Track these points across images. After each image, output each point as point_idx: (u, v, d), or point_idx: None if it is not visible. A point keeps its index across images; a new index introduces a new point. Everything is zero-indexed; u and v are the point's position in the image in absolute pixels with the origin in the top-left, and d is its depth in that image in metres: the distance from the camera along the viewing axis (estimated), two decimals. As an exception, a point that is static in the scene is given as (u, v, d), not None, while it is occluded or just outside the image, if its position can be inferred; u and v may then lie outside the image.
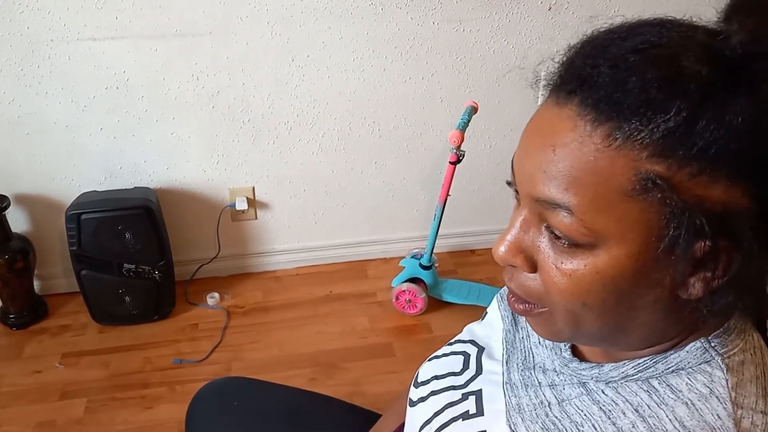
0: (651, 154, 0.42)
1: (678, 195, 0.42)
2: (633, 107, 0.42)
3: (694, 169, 0.42)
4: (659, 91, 0.41)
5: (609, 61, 0.43)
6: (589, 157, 0.43)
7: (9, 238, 1.84)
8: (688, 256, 0.44)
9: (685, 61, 0.42)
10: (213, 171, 2.00)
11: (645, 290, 0.47)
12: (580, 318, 0.50)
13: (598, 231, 0.44)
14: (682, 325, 0.51)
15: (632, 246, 0.44)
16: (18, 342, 1.88)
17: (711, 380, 0.49)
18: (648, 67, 0.42)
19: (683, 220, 0.43)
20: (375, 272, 2.19)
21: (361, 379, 1.75)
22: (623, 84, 0.42)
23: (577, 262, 0.47)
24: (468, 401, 0.66)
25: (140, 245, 1.83)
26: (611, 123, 0.42)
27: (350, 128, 2.00)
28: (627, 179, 0.42)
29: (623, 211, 0.43)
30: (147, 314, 1.93)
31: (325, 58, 1.87)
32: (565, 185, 0.44)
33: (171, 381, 1.74)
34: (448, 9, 1.86)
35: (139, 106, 1.84)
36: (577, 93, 0.44)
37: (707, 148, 0.41)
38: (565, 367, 0.59)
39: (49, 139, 1.84)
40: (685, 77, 0.41)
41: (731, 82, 0.41)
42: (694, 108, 0.41)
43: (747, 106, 0.41)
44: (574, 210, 0.45)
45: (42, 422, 1.62)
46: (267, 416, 0.96)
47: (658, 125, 0.41)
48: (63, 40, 1.71)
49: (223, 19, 1.77)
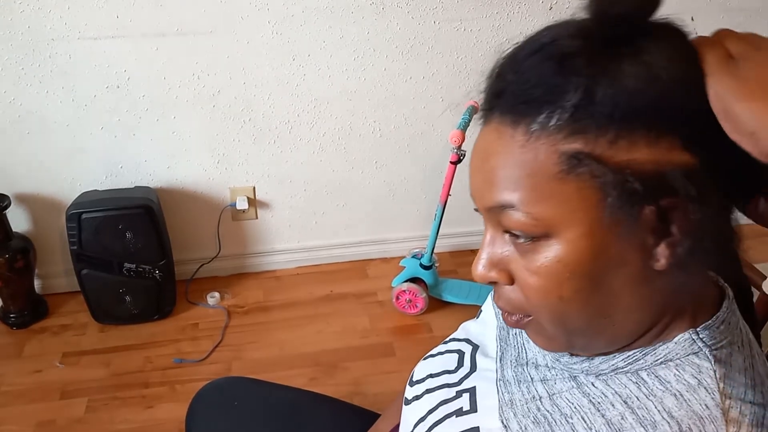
0: (567, 135, 0.45)
1: (603, 164, 0.44)
2: (539, 99, 0.45)
3: (609, 136, 0.44)
4: (555, 77, 0.45)
5: (512, 70, 0.48)
6: (517, 155, 0.47)
7: (9, 237, 1.84)
8: (639, 223, 0.46)
9: (566, 43, 0.46)
10: (214, 170, 2.00)
11: (614, 269, 0.48)
12: (564, 315, 0.51)
13: (547, 219, 0.47)
14: (666, 304, 0.51)
15: (582, 225, 0.46)
16: (18, 341, 1.88)
17: (699, 371, 0.49)
18: (542, 61, 0.46)
19: (617, 188, 0.44)
20: (375, 272, 2.19)
21: (361, 378, 1.75)
22: (526, 83, 0.46)
23: (540, 257, 0.48)
24: (462, 398, 0.66)
25: (141, 244, 1.83)
26: (527, 119, 0.46)
27: (351, 128, 2.00)
28: (553, 163, 0.45)
29: (561, 194, 0.46)
30: (147, 314, 1.93)
31: (326, 58, 1.87)
32: (505, 187, 0.48)
33: (171, 380, 1.74)
34: (449, 9, 1.86)
35: (139, 105, 1.84)
36: (495, 107, 0.49)
37: (613, 113, 0.43)
38: (556, 362, 0.60)
39: (50, 139, 1.84)
40: (570, 57, 0.45)
41: (611, 48, 0.44)
42: (588, 81, 0.44)
43: (634, 64, 0.44)
44: (519, 205, 0.47)
45: (42, 421, 1.62)
46: (267, 416, 0.96)
47: (563, 106, 0.44)
48: (64, 39, 1.71)
49: (224, 19, 1.77)
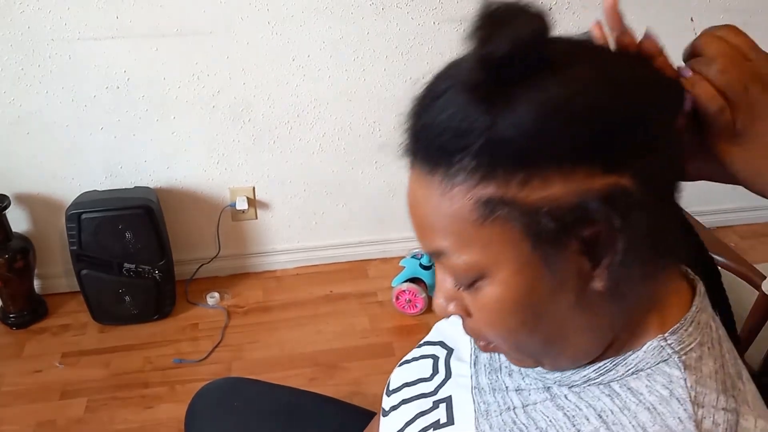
0: (479, 180, 0.44)
1: (517, 207, 0.44)
2: (448, 147, 0.44)
3: (519, 177, 0.43)
4: (458, 122, 0.44)
5: (422, 115, 0.46)
6: (438, 204, 0.46)
7: (9, 237, 1.84)
8: (567, 254, 0.45)
9: (462, 87, 0.44)
10: (213, 170, 2.00)
11: (554, 298, 0.48)
12: (518, 343, 0.52)
13: (476, 264, 0.47)
14: (622, 316, 0.51)
15: (511, 265, 0.46)
16: (18, 341, 1.88)
17: (670, 381, 0.49)
18: (446, 107, 0.45)
19: (534, 228, 0.44)
20: (375, 272, 2.19)
21: (361, 378, 1.75)
22: (434, 130, 0.45)
23: (481, 297, 0.49)
24: (439, 409, 0.66)
25: (140, 245, 1.83)
26: (441, 168, 0.45)
27: (351, 128, 2.00)
28: (471, 210, 0.45)
29: (484, 238, 0.46)
30: (147, 314, 1.93)
31: (326, 58, 1.87)
32: (434, 235, 0.48)
33: (171, 381, 1.74)
34: (449, 9, 1.86)
35: (139, 105, 1.84)
36: (412, 159, 0.48)
37: (517, 155, 0.43)
38: (530, 371, 0.60)
39: (50, 139, 1.84)
40: (468, 100, 0.44)
41: (504, 88, 0.43)
42: (488, 123, 0.43)
43: (528, 102, 0.42)
44: (449, 253, 0.48)
45: (42, 422, 1.62)
46: (267, 416, 0.96)
47: (470, 152, 0.44)
48: (63, 40, 1.71)
49: (223, 19, 1.77)
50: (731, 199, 2.36)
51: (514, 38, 0.41)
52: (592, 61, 0.45)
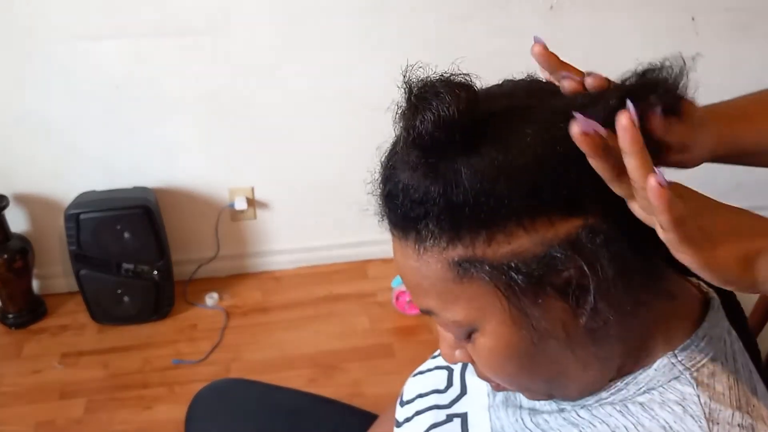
0: (447, 243, 0.45)
1: (486, 264, 0.45)
2: (410, 216, 0.46)
3: (483, 236, 0.44)
4: (416, 191, 0.45)
5: (384, 188, 0.49)
6: (416, 267, 0.48)
7: (8, 237, 1.84)
8: (547, 301, 0.46)
9: (411, 158, 0.46)
10: (212, 171, 1.99)
11: (545, 342, 0.48)
12: (521, 385, 0.54)
13: (464, 320, 0.48)
14: (621, 344, 0.50)
15: (495, 316, 0.47)
16: (17, 342, 1.88)
17: (683, 398, 0.48)
18: (399, 179, 0.47)
19: (507, 281, 0.45)
20: (375, 272, 2.18)
21: (361, 379, 1.74)
22: (395, 201, 0.47)
23: (477, 348, 0.50)
24: (453, 423, 0.66)
25: (139, 245, 1.82)
26: (411, 234, 0.47)
27: (351, 128, 2.00)
28: (447, 271, 0.46)
29: (466, 294, 0.47)
30: (146, 314, 1.93)
31: (326, 58, 1.87)
32: (420, 295, 0.50)
33: (170, 381, 1.74)
34: (449, 9, 1.85)
35: (138, 105, 1.84)
36: (387, 223, 0.50)
37: (476, 216, 0.44)
38: None
39: (49, 139, 1.84)
40: (420, 170, 0.45)
41: (447, 156, 0.44)
42: (442, 189, 0.44)
43: (469, 170, 0.44)
44: (436, 312, 0.49)
45: (41, 422, 1.62)
46: (266, 418, 0.96)
47: (432, 219, 0.45)
48: (63, 40, 1.71)
49: (223, 19, 1.76)
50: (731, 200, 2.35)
51: (435, 120, 0.43)
52: (526, 117, 0.46)
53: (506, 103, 0.47)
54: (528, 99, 0.47)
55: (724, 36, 2.02)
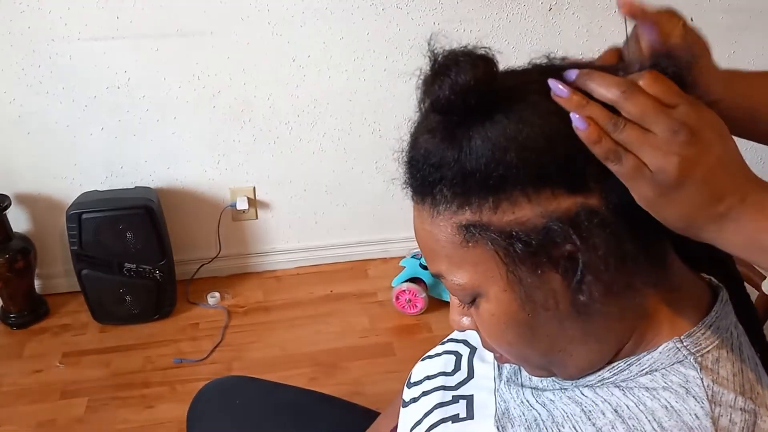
0: (457, 207, 0.49)
1: (491, 230, 0.47)
2: (427, 181, 0.49)
3: (490, 202, 0.47)
4: (432, 157, 0.48)
5: (407, 155, 0.52)
6: (430, 231, 0.51)
7: (10, 237, 1.84)
8: (547, 272, 0.48)
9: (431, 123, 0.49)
10: (214, 171, 2.00)
11: (544, 313, 0.50)
12: (520, 355, 0.55)
13: (469, 283, 0.51)
14: (623, 323, 0.52)
15: (499, 282, 0.49)
16: (19, 341, 1.88)
17: (686, 380, 0.50)
18: (421, 145, 0.50)
19: (509, 248, 0.47)
20: (375, 272, 2.19)
21: (361, 378, 1.75)
22: (415, 167, 0.50)
23: (480, 313, 0.52)
24: (459, 404, 0.66)
25: (141, 245, 1.83)
26: (428, 198, 0.50)
27: (351, 128, 2.00)
28: (455, 234, 0.49)
29: (470, 259, 0.49)
30: (148, 314, 1.93)
31: (326, 59, 1.88)
32: (433, 259, 0.53)
33: (172, 380, 1.74)
34: (449, 9, 1.86)
35: (140, 105, 1.84)
36: (409, 190, 0.53)
37: (484, 182, 0.47)
38: None
39: (50, 139, 1.84)
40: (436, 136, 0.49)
41: (463, 123, 0.47)
42: (455, 155, 0.47)
43: (483, 138, 0.46)
44: (445, 275, 0.52)
45: (43, 421, 1.62)
46: (268, 415, 0.96)
47: (445, 184, 0.48)
48: (64, 40, 1.71)
49: (224, 19, 1.77)
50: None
51: (452, 85, 0.46)
52: (539, 92, 0.47)
53: (526, 78, 0.50)
54: (550, 77, 0.48)
55: (722, 37, 2.02)
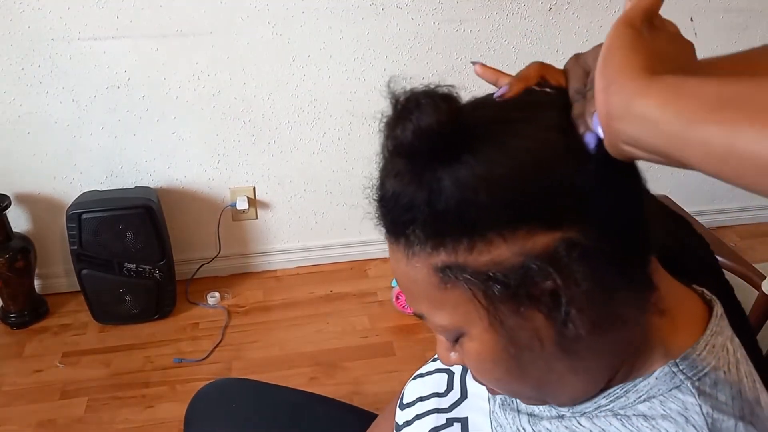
0: (432, 249, 0.46)
1: (468, 271, 0.46)
2: (398, 222, 0.47)
3: (465, 243, 0.45)
4: (401, 198, 0.46)
5: (377, 193, 0.50)
6: (407, 272, 0.49)
7: (10, 237, 1.84)
8: (530, 310, 0.46)
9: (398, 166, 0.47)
10: (214, 170, 2.00)
11: (530, 349, 0.48)
12: (511, 390, 0.54)
13: (449, 324, 0.49)
14: (613, 351, 0.50)
15: (481, 322, 0.48)
16: (18, 341, 1.88)
17: (685, 408, 0.48)
18: (390, 186, 0.48)
19: (488, 289, 0.46)
20: (375, 272, 2.19)
21: (361, 378, 1.75)
22: (386, 206, 0.48)
23: (466, 352, 0.51)
24: (453, 427, 0.66)
25: (141, 245, 1.83)
26: (401, 238, 0.48)
27: (351, 128, 2.00)
28: (432, 276, 0.47)
29: (451, 300, 0.48)
30: (147, 313, 1.93)
31: (326, 58, 1.88)
32: (412, 299, 0.51)
33: (171, 380, 1.74)
34: (449, 9, 1.86)
35: (140, 105, 1.84)
36: (382, 228, 0.51)
37: (457, 223, 0.45)
38: None
39: (50, 139, 1.84)
40: (405, 178, 0.46)
41: (431, 164, 0.45)
42: (426, 196, 0.45)
43: (451, 180, 0.44)
44: (426, 316, 0.50)
45: (43, 421, 1.62)
46: (266, 417, 0.96)
47: (418, 226, 0.46)
48: (64, 40, 1.71)
49: (224, 19, 1.77)
50: (731, 199, 2.36)
51: (414, 130, 0.43)
52: (511, 130, 0.46)
53: (493, 114, 0.48)
54: (517, 111, 0.47)
55: (722, 36, 2.02)
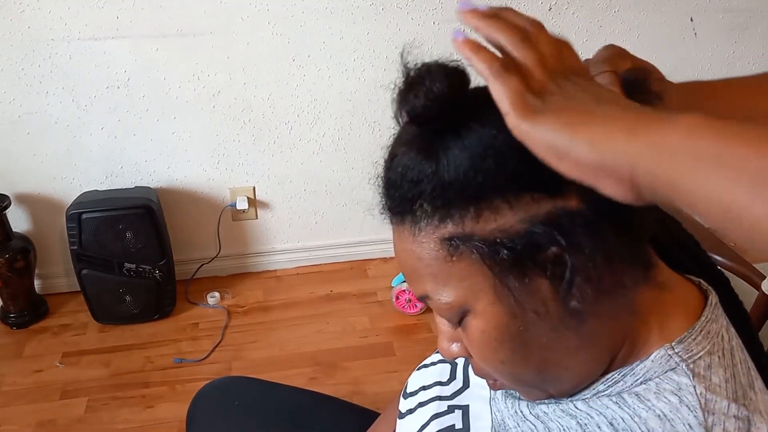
0: (438, 222, 0.48)
1: (475, 240, 0.47)
2: (406, 198, 0.49)
3: (472, 212, 0.46)
4: (409, 172, 0.48)
5: (384, 178, 0.52)
6: (413, 251, 0.50)
7: (10, 237, 1.84)
8: (535, 279, 0.47)
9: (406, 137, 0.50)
10: (214, 170, 2.00)
11: (535, 323, 0.49)
12: (514, 375, 0.53)
13: (457, 300, 0.50)
14: (615, 330, 0.51)
15: (486, 296, 0.48)
16: (19, 341, 1.88)
17: (679, 388, 0.49)
18: (398, 164, 0.50)
19: (495, 257, 0.47)
20: (375, 272, 2.19)
21: (361, 378, 1.75)
22: (393, 186, 0.50)
23: (470, 333, 0.51)
24: (454, 414, 0.66)
25: (141, 245, 1.83)
26: (407, 218, 0.50)
27: (350, 128, 2.00)
28: (438, 250, 0.48)
29: (456, 274, 0.49)
30: (147, 313, 1.93)
31: (326, 58, 1.88)
32: (417, 280, 0.51)
33: (171, 380, 1.75)
34: (449, 9, 1.86)
35: (139, 105, 1.84)
36: (387, 214, 0.52)
37: (463, 192, 0.46)
38: None
39: (50, 139, 1.84)
40: (412, 150, 0.49)
41: (437, 134, 0.48)
42: (432, 168, 0.47)
43: (459, 147, 0.46)
44: (431, 295, 0.51)
45: (43, 421, 1.62)
46: (267, 415, 0.96)
47: (425, 199, 0.48)
48: (64, 40, 1.72)
49: (224, 19, 1.77)
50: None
51: (426, 94, 0.47)
52: None
53: None
54: None
55: (722, 36, 2.02)
